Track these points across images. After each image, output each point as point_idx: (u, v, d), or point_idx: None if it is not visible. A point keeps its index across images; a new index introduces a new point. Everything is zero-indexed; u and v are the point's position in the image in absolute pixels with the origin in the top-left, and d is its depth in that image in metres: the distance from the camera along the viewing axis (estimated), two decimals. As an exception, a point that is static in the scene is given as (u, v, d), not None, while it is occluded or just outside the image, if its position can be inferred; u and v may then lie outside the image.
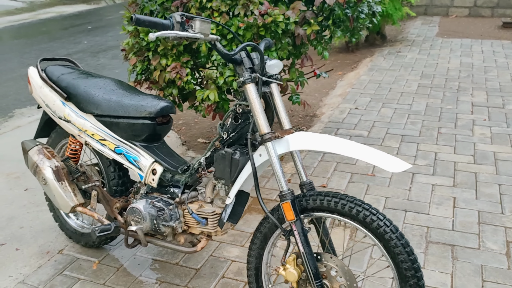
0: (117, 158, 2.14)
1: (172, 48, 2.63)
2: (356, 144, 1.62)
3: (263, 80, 1.74)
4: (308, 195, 1.71)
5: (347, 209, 1.63)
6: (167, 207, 2.02)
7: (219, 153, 1.83)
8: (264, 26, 2.43)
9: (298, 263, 1.75)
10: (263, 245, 1.86)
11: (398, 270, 1.60)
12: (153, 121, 2.07)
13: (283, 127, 1.80)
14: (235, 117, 1.85)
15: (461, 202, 2.86)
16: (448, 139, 3.74)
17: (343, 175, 3.25)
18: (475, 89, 4.89)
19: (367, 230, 1.62)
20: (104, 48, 7.77)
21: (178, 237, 2.08)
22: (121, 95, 2.15)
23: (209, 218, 1.95)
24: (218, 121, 4.39)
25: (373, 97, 4.78)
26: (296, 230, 1.68)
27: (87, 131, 2.19)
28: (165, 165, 2.05)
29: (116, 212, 2.20)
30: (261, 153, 1.75)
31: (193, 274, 2.35)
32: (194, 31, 1.59)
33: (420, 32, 7.80)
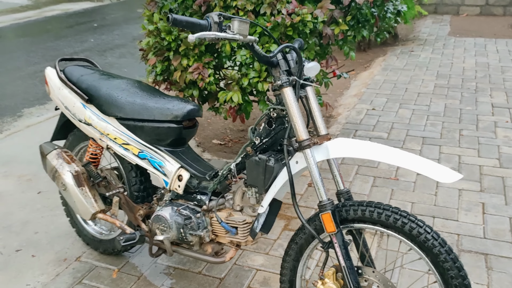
0: (141, 163, 2.05)
1: (193, 48, 2.53)
2: (399, 151, 1.52)
3: (300, 83, 1.65)
4: (348, 205, 1.62)
5: (392, 221, 1.53)
6: (194, 215, 1.93)
7: (252, 160, 1.74)
8: (292, 25, 2.33)
9: (338, 277, 1.66)
10: (298, 257, 1.76)
11: (447, 286, 1.50)
12: (180, 124, 1.97)
13: (319, 132, 1.70)
14: (269, 121, 1.75)
15: (490, 208, 2.76)
16: (470, 141, 3.64)
17: (366, 178, 3.15)
18: (494, 89, 4.79)
19: (413, 243, 1.53)
20: (111, 47, 7.67)
21: (205, 246, 1.99)
22: (145, 98, 2.05)
23: (239, 227, 1.86)
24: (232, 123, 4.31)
25: (389, 97, 4.68)
26: (336, 242, 1.59)
27: (109, 134, 2.09)
28: (192, 171, 1.95)
29: (140, 220, 2.11)
30: (297, 160, 1.66)
31: (217, 283, 2.26)
32: (232, 32, 1.50)
33: (431, 31, 7.69)
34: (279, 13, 2.37)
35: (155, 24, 2.57)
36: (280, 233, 2.63)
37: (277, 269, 2.34)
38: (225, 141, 3.90)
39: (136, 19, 10.04)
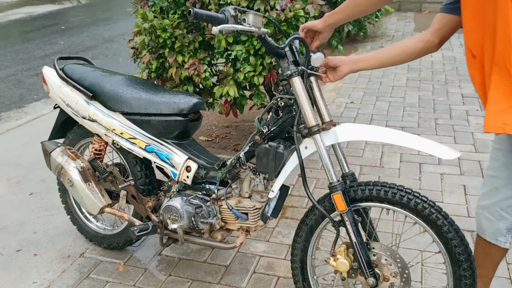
0: (148, 156, 2.10)
1: (189, 45, 2.60)
2: (403, 133, 1.63)
3: (308, 73, 1.75)
4: (356, 186, 1.72)
5: (398, 198, 1.64)
6: (204, 204, 2.01)
7: (262, 147, 1.82)
8: (285, 20, 2.43)
9: (349, 253, 1.77)
10: (308, 237, 1.87)
11: (451, 255, 1.63)
12: (186, 117, 2.05)
13: (324, 119, 1.78)
14: (276, 111, 1.84)
15: (471, 189, 2.95)
16: (446, 129, 3.85)
17: (352, 167, 3.29)
18: (462, 81, 5.04)
19: (418, 217, 1.65)
20: (82, 49, 7.58)
21: (215, 233, 2.06)
22: (150, 93, 2.12)
23: (249, 213, 1.95)
24: (216, 119, 4.38)
25: (366, 91, 4.86)
26: (347, 220, 1.69)
27: (115, 130, 2.14)
28: (200, 162, 2.03)
29: (150, 211, 2.16)
30: (306, 146, 1.75)
31: (224, 271, 2.34)
32: (249, 24, 1.58)
33: (397, 27, 7.96)
34: (272, 9, 2.48)
35: (150, 22, 2.62)
36: (278, 221, 2.73)
37: (279, 254, 2.44)
38: (212, 137, 3.97)
39: (104, 21, 9.94)
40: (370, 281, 1.71)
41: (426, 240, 2.41)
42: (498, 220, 1.69)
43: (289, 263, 2.35)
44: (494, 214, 1.70)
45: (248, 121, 4.27)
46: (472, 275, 1.62)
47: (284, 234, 2.61)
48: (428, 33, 1.69)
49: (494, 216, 1.70)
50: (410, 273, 1.72)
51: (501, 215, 1.68)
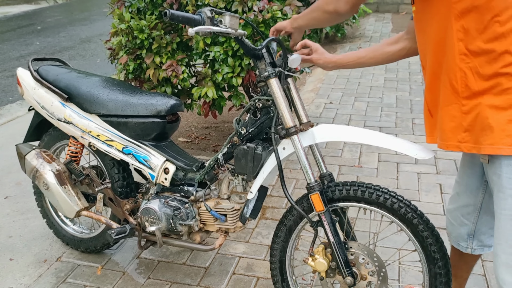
0: (126, 158, 2.08)
1: (166, 46, 2.58)
2: (380, 134, 1.65)
3: (285, 74, 1.75)
4: (334, 186, 1.74)
5: (375, 197, 1.67)
6: (183, 206, 2.00)
7: (240, 149, 1.82)
8: (263, 22, 2.44)
9: (327, 253, 1.78)
10: (287, 238, 1.87)
11: (426, 254, 1.66)
12: (163, 119, 2.03)
13: (302, 120, 1.79)
14: (254, 112, 1.84)
15: (447, 188, 3.00)
16: (423, 129, 3.90)
17: (331, 167, 3.32)
18: (438, 81, 5.12)
19: (394, 216, 1.67)
20: (59, 49, 7.47)
21: (194, 235, 2.06)
22: (127, 94, 2.10)
23: (228, 214, 1.94)
24: (195, 121, 4.36)
25: (344, 91, 4.91)
26: (325, 220, 1.70)
27: (92, 132, 2.11)
28: (178, 164, 2.02)
29: (127, 214, 2.14)
30: (284, 147, 1.76)
31: (203, 272, 2.33)
32: (225, 26, 1.58)
33: (375, 28, 8.05)
34: (250, 10, 2.48)
35: (127, 23, 2.60)
36: (258, 222, 2.73)
37: (259, 255, 2.44)
38: (191, 139, 3.95)
39: (81, 21, 9.82)
40: (348, 280, 1.73)
41: (403, 239, 2.44)
42: (459, 226, 1.72)
43: (269, 264, 2.36)
44: (456, 219, 1.73)
45: (227, 122, 4.27)
46: (447, 273, 1.65)
47: (263, 235, 2.61)
48: (406, 41, 1.71)
49: (456, 221, 1.73)
50: (387, 272, 1.74)
51: (462, 221, 1.71)
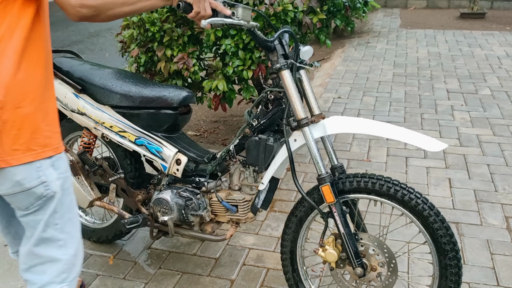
0: (138, 149, 2.10)
1: (177, 39, 2.60)
2: (390, 126, 1.66)
3: (297, 66, 1.75)
4: (344, 178, 1.75)
5: (385, 189, 1.67)
6: (194, 196, 2.01)
7: (252, 140, 1.83)
8: (274, 15, 2.45)
9: (337, 244, 1.79)
10: (298, 229, 1.89)
11: (437, 245, 1.66)
12: (176, 111, 2.04)
13: (313, 112, 1.80)
14: (266, 104, 1.84)
15: (456, 182, 3.01)
16: (432, 124, 3.90)
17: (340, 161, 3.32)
18: (447, 76, 5.11)
19: (405, 208, 1.68)
20: (68, 43, 7.51)
21: (205, 226, 2.08)
22: (140, 86, 2.10)
23: (239, 205, 1.95)
24: (204, 114, 4.38)
25: (352, 86, 4.91)
26: (336, 211, 1.71)
27: (105, 123, 2.12)
28: (190, 155, 2.03)
29: (140, 204, 2.16)
30: (296, 139, 1.76)
31: (213, 263, 2.36)
32: (238, 18, 1.58)
33: (383, 23, 8.04)
34: (261, 3, 2.49)
35: (138, 15, 2.62)
36: (267, 214, 2.75)
37: (269, 247, 2.47)
38: (200, 132, 3.98)
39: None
40: (358, 270, 1.74)
41: (412, 232, 2.45)
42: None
43: (278, 255, 2.37)
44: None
45: (236, 116, 4.29)
46: (457, 264, 1.66)
47: (273, 227, 2.63)
48: None
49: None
50: (397, 263, 1.75)
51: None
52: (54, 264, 1.38)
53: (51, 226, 1.35)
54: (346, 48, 6.48)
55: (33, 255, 1.37)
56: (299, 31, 2.76)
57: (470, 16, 8.10)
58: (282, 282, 2.20)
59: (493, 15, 8.30)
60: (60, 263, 1.39)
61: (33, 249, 1.36)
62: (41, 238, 1.35)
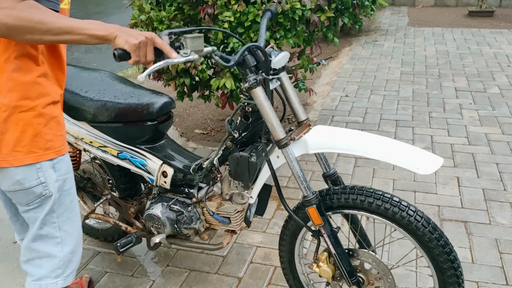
0: (122, 163, 1.98)
1: (185, 37, 2.60)
2: (379, 140, 1.53)
3: (269, 79, 1.57)
4: (332, 193, 1.63)
5: (375, 207, 1.56)
6: (186, 209, 1.91)
7: (234, 157, 1.69)
8: (282, 13, 2.45)
9: (331, 262, 1.71)
10: (293, 241, 1.82)
11: (434, 262, 1.56)
12: (154, 121, 1.89)
13: (298, 118, 1.69)
14: (245, 115, 1.70)
15: (465, 181, 2.99)
16: (440, 122, 3.88)
17: (348, 160, 3.32)
18: (455, 75, 5.08)
19: (398, 225, 1.56)
20: (76, 42, 7.54)
21: (202, 235, 2.00)
22: (113, 95, 1.92)
23: (231, 217, 1.86)
24: (211, 113, 4.39)
25: (360, 84, 4.89)
26: (325, 233, 1.62)
27: (84, 139, 2.00)
28: (176, 166, 1.91)
29: (132, 218, 2.11)
30: (278, 155, 1.66)
31: (221, 261, 2.36)
32: (186, 54, 1.37)
33: (391, 22, 8.00)
34: (269, 1, 2.49)
35: (147, 14, 2.62)
36: (274, 213, 2.75)
37: (276, 245, 2.44)
38: (207, 131, 3.98)
39: (97, 14, 9.89)
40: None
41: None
42: None
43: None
44: None
45: (243, 114, 4.28)
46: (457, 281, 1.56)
47: (280, 225, 2.63)
48: None
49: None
50: (394, 277, 1.67)
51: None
52: (50, 260, 1.46)
53: (48, 224, 1.42)
54: (354, 47, 6.46)
55: (31, 250, 1.45)
56: (307, 29, 2.75)
57: (479, 14, 8.04)
58: (289, 280, 2.20)
59: (502, 13, 8.24)
60: (56, 259, 1.46)
61: (31, 244, 1.44)
62: (38, 235, 1.42)
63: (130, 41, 1.25)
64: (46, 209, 1.40)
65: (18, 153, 1.30)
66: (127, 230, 2.15)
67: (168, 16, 2.69)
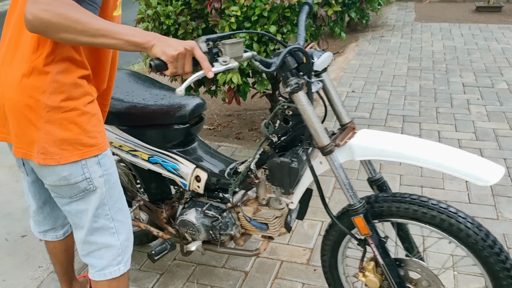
0: (154, 168, 1.93)
1: (192, 32, 2.61)
2: (435, 147, 1.43)
3: (312, 82, 1.48)
4: (381, 200, 1.52)
5: (429, 217, 1.45)
6: (221, 215, 1.83)
7: (274, 162, 1.61)
8: (289, 7, 2.44)
9: (378, 272, 1.62)
10: (335, 253, 1.73)
11: (493, 277, 1.43)
12: (186, 124, 1.85)
13: (342, 121, 1.61)
14: (285, 118, 1.60)
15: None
16: (447, 118, 3.87)
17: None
18: (463, 70, 5.05)
19: (454, 238, 1.44)
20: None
21: (237, 240, 1.92)
22: (143, 97, 1.89)
23: (269, 223, 1.77)
24: (217, 108, 4.39)
25: (367, 80, 4.87)
26: (372, 243, 1.53)
27: (113, 143, 1.95)
28: (210, 170, 1.86)
29: (165, 223, 2.06)
30: (321, 161, 1.57)
31: (228, 255, 2.37)
32: (225, 62, 1.31)
33: (398, 17, 7.96)
34: (277, -5, 2.49)
35: (153, 9, 2.63)
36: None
37: (283, 240, 2.46)
38: (214, 126, 3.99)
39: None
40: None
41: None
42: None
43: (292, 248, 2.40)
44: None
45: (250, 110, 4.29)
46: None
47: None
48: None
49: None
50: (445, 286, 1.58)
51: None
52: (109, 250, 1.52)
53: (101, 217, 1.47)
54: (360, 42, 6.44)
55: (90, 243, 1.52)
56: (314, 24, 2.74)
57: (486, 10, 7.98)
58: (296, 274, 2.21)
59: (510, 8, 8.17)
60: (114, 248, 1.53)
61: (88, 238, 1.50)
62: (93, 228, 1.48)
63: (168, 52, 1.22)
64: (92, 203, 1.44)
65: (64, 151, 1.35)
66: (159, 235, 2.09)
67: (175, 11, 2.69)
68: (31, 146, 1.35)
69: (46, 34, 1.20)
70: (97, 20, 1.20)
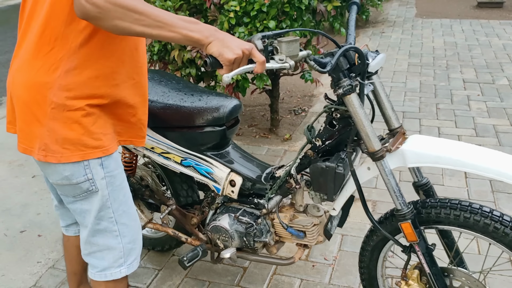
0: (186, 171, 1.85)
1: (191, 27, 2.59)
2: (493, 154, 1.39)
3: (365, 84, 1.42)
4: (429, 206, 1.46)
5: (482, 225, 1.37)
6: (255, 222, 1.77)
7: (318, 167, 1.54)
8: (288, 2, 2.43)
9: (423, 281, 1.55)
10: (374, 262, 1.67)
11: None
12: (223, 126, 1.76)
13: (391, 126, 1.56)
14: (330, 122, 1.54)
15: (471, 173, 2.96)
16: (447, 114, 3.86)
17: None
18: (463, 66, 5.04)
19: (508, 248, 1.37)
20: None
21: (270, 248, 1.86)
22: (177, 97, 1.82)
23: (307, 231, 1.71)
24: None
25: (367, 76, 4.85)
26: (419, 250, 1.47)
27: (145, 144, 1.81)
28: (245, 174, 1.77)
29: (195, 229, 1.98)
30: (369, 167, 1.51)
31: (226, 251, 2.36)
32: (281, 60, 1.27)
33: (399, 13, 7.94)
34: (274, -10, 2.48)
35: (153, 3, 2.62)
36: (280, 203, 2.74)
37: (281, 235, 2.45)
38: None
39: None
40: None
41: None
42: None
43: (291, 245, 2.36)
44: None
45: (249, 106, 4.28)
46: None
47: (286, 216, 2.63)
48: None
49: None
50: None
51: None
52: (110, 252, 1.50)
53: (105, 219, 1.45)
54: (361, 38, 6.42)
55: (91, 244, 1.50)
56: (313, 19, 2.73)
57: (488, 5, 7.96)
58: (294, 270, 2.20)
59: (511, 4, 8.14)
60: (116, 251, 1.50)
61: (91, 239, 1.49)
62: (96, 230, 1.46)
63: (225, 55, 1.17)
64: (95, 204, 1.42)
65: (66, 150, 1.33)
66: (187, 241, 2.03)
67: (173, 6, 2.68)
68: (33, 142, 1.34)
69: (98, 21, 1.13)
70: (154, 10, 1.14)
